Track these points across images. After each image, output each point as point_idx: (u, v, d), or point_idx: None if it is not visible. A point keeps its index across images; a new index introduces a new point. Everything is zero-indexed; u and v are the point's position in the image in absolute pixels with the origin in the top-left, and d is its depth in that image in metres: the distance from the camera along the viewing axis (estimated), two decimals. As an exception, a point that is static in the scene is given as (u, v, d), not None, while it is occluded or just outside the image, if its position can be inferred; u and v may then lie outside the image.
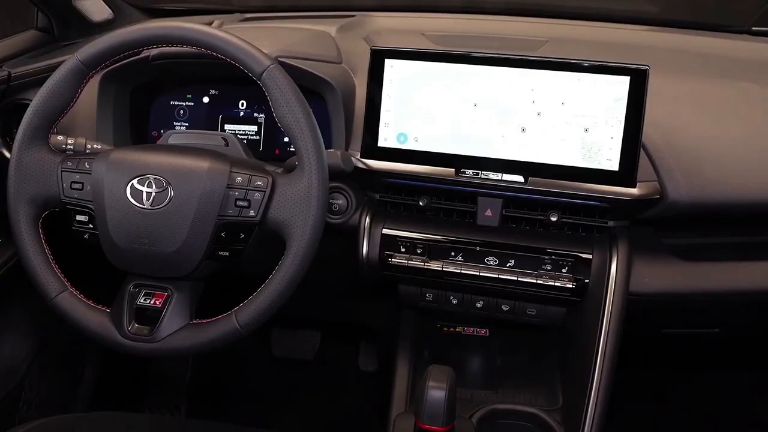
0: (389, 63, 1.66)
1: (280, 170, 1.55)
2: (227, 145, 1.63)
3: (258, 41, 1.51)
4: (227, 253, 1.50)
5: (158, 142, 1.66)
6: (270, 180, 1.46)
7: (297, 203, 1.44)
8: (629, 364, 1.90)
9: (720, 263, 1.74)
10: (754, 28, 2.16)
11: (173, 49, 1.57)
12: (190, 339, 1.49)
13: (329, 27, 2.05)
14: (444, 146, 1.65)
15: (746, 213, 1.67)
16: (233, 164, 1.49)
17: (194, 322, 1.51)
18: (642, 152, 1.59)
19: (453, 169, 1.65)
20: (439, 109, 1.64)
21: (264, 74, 1.45)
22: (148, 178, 1.46)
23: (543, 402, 1.85)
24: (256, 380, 2.90)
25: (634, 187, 1.56)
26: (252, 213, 1.46)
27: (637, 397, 2.55)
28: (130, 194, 1.46)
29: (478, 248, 1.74)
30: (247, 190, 1.46)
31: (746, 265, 1.74)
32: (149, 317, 1.50)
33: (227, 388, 2.87)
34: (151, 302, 1.51)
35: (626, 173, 1.56)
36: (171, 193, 1.45)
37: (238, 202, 1.46)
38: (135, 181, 1.46)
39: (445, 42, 1.95)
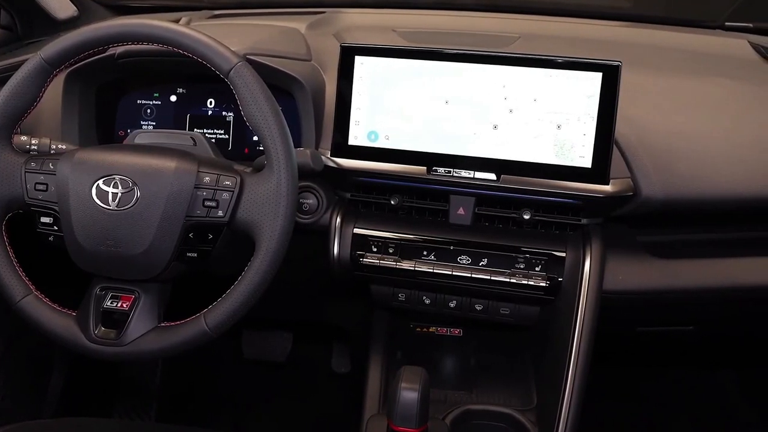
0: (359, 60, 1.66)
1: (249, 170, 1.54)
2: (195, 144, 1.62)
3: (226, 38, 1.50)
4: (195, 255, 1.49)
5: (125, 142, 1.65)
6: (238, 180, 1.46)
7: (266, 203, 1.43)
8: (604, 362, 1.91)
9: (694, 260, 1.75)
10: (726, 24, 2.18)
11: (139, 46, 1.57)
12: (157, 342, 1.48)
13: (299, 24, 2.05)
14: (415, 144, 1.65)
15: (720, 209, 1.68)
16: (201, 164, 1.48)
17: (162, 324, 1.50)
18: (615, 149, 1.60)
19: (425, 167, 1.65)
20: (411, 106, 1.64)
21: (231, 72, 1.44)
22: (114, 178, 1.45)
23: (517, 402, 1.85)
24: (227, 383, 2.89)
25: (607, 184, 1.57)
26: (220, 213, 1.45)
27: (613, 395, 2.56)
28: (96, 195, 1.45)
29: (450, 247, 1.74)
30: (215, 190, 1.45)
31: (720, 262, 1.75)
32: (116, 320, 1.49)
33: (198, 392, 2.86)
34: (118, 305, 1.51)
35: (599, 170, 1.56)
36: (137, 193, 1.44)
37: (206, 203, 1.45)
38: (101, 182, 1.45)
39: (416, 39, 1.95)
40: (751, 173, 1.66)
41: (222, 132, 1.91)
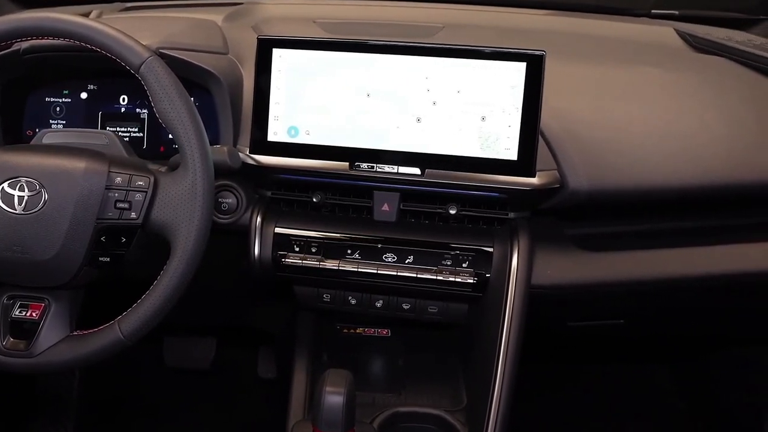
0: (277, 53, 1.65)
1: (163, 169, 1.53)
2: (107, 143, 1.60)
3: (137, 32, 1.49)
4: (108, 259, 1.48)
5: (32, 142, 1.62)
6: (152, 179, 1.44)
7: (181, 203, 1.42)
8: (537, 360, 1.93)
9: (623, 252, 1.77)
10: (653, 11, 2.22)
11: (45, 41, 1.54)
12: (70, 352, 1.46)
13: (216, 16, 2.03)
14: (337, 139, 1.65)
15: (647, 200, 1.70)
16: (112, 164, 1.46)
17: (75, 333, 1.49)
18: (541, 141, 1.61)
19: (347, 163, 1.65)
20: (331, 100, 1.64)
21: (142, 67, 1.43)
22: (20, 180, 1.42)
23: (447, 403, 1.86)
24: (149, 393, 2.87)
25: (534, 176, 1.59)
26: (133, 215, 1.43)
27: (545, 392, 2.59)
28: (1, 199, 1.42)
29: (375, 245, 1.74)
30: (127, 191, 1.44)
31: (648, 253, 1.77)
32: (26, 330, 1.48)
33: (118, 403, 2.83)
34: (27, 314, 1.49)
35: (525, 162, 1.58)
36: (45, 196, 1.42)
37: (118, 204, 1.43)
38: (6, 185, 1.42)
39: (337, 30, 1.95)
40: (678, 163, 1.69)
41: (136, 130, 1.89)
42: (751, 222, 1.83)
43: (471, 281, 1.70)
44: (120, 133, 1.84)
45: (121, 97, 1.89)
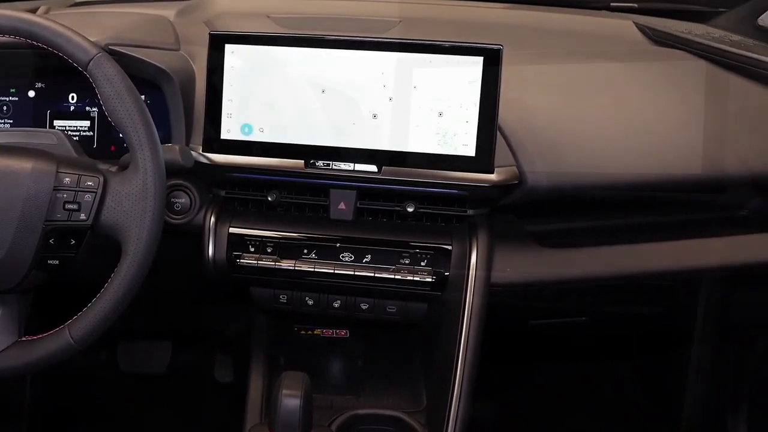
0: (230, 48, 1.65)
1: (114, 168, 1.52)
2: (56, 143, 1.58)
3: (85, 28, 1.48)
4: (57, 262, 1.46)
5: None
6: (101, 180, 1.43)
7: (132, 204, 1.41)
8: (500, 359, 1.93)
9: (583, 249, 1.78)
10: (612, 4, 2.23)
11: (-12, 38, 1.53)
12: (19, 358, 1.45)
13: (167, 11, 2.02)
14: (292, 136, 1.65)
15: (607, 196, 1.72)
16: (60, 164, 1.45)
17: (23, 339, 1.47)
18: (499, 136, 1.62)
19: (302, 161, 1.64)
20: (286, 96, 1.64)
21: (90, 64, 1.42)
22: None
23: (407, 404, 1.87)
24: (103, 398, 2.85)
25: (492, 172, 1.59)
26: (83, 216, 1.42)
27: (507, 392, 2.60)
28: None
29: (332, 244, 1.74)
30: (76, 191, 1.42)
31: (607, 249, 1.78)
32: None
33: (72, 409, 2.81)
34: None
35: (483, 158, 1.58)
36: None
37: (66, 205, 1.42)
38: None
39: (291, 25, 1.95)
40: (637, 157, 1.70)
41: (86, 129, 1.87)
42: (710, 216, 1.85)
43: (429, 280, 1.70)
44: (69, 133, 1.82)
45: (71, 95, 1.88)
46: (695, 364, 2.44)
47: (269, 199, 1.75)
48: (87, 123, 1.87)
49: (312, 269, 1.73)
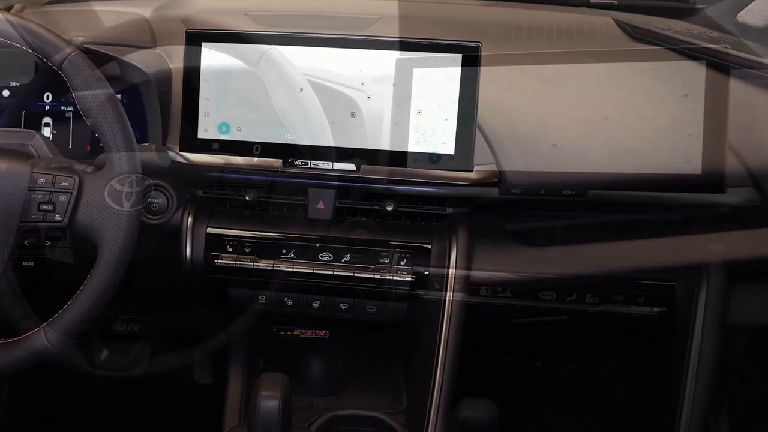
0: (207, 47, 1.65)
1: (89, 168, 1.51)
2: (31, 143, 1.57)
3: (60, 26, 1.48)
4: (32, 263, 1.46)
5: None
6: (77, 180, 1.42)
7: (107, 204, 1.41)
8: (482, 360, 1.93)
9: (563, 247, 1.78)
10: (592, 1, 2.22)
11: (-40, 37, 1.52)
12: None
13: (144, 9, 2.00)
14: (270, 135, 1.65)
15: (586, 194, 1.72)
16: (35, 164, 1.44)
17: None
18: (479, 134, 1.62)
19: (280, 160, 1.65)
20: (263, 95, 1.64)
21: (65, 63, 1.41)
22: None
23: (387, 405, 1.87)
24: (81, 401, 2.83)
25: (471, 171, 1.59)
26: (58, 217, 1.41)
27: (488, 391, 2.60)
28: None
29: (310, 244, 1.74)
30: (51, 192, 1.41)
31: (586, 247, 1.78)
32: None
33: (49, 412, 2.79)
34: None
35: (462, 157, 1.59)
36: None
37: (41, 206, 1.41)
38: None
39: (270, 22, 1.93)
40: (616, 155, 1.70)
41: (61, 129, 1.86)
42: (690, 214, 1.85)
43: (409, 279, 1.70)
44: (44, 132, 1.81)
45: (46, 94, 1.86)
46: (677, 363, 2.45)
47: (247, 198, 1.74)
48: (62, 123, 1.86)
49: (291, 269, 1.72)
